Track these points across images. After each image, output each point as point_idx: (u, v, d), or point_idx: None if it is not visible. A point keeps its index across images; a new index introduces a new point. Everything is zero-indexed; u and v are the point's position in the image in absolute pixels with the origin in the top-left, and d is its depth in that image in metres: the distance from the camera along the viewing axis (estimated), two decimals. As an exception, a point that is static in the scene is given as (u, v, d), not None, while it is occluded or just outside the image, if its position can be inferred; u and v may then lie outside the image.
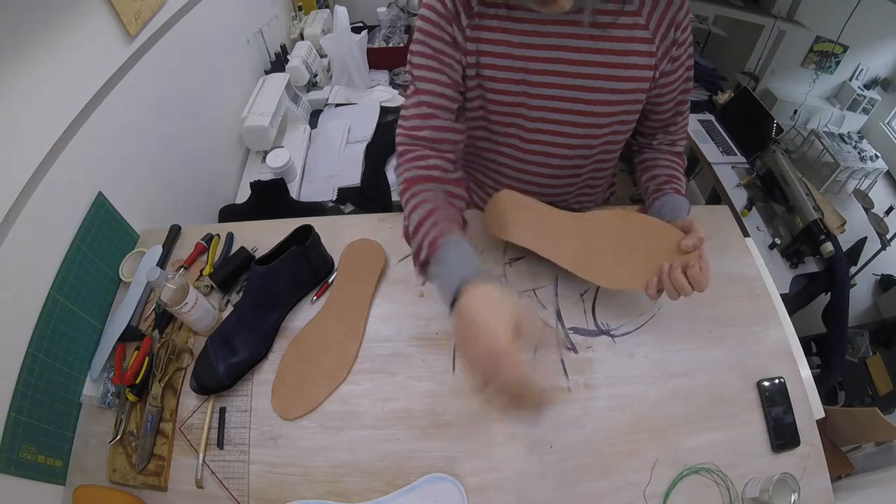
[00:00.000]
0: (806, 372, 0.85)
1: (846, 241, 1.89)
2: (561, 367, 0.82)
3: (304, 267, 0.89)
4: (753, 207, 1.96)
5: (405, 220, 0.70)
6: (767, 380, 0.80)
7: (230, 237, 1.02)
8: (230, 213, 1.38)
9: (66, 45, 0.85)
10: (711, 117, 2.37)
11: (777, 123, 2.10)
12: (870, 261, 2.22)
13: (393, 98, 1.81)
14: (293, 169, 1.49)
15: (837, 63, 2.68)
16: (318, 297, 0.91)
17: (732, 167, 2.14)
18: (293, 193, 1.44)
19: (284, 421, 0.78)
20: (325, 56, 1.96)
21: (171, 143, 1.21)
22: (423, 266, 0.66)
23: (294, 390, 0.80)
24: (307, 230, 0.89)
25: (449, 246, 0.64)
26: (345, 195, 1.49)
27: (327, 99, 1.84)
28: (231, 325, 0.83)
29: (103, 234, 0.93)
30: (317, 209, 1.42)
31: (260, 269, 0.82)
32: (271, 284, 0.84)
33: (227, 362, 0.80)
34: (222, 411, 0.80)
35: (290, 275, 0.87)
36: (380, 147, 1.63)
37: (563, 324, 0.87)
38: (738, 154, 2.19)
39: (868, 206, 2.38)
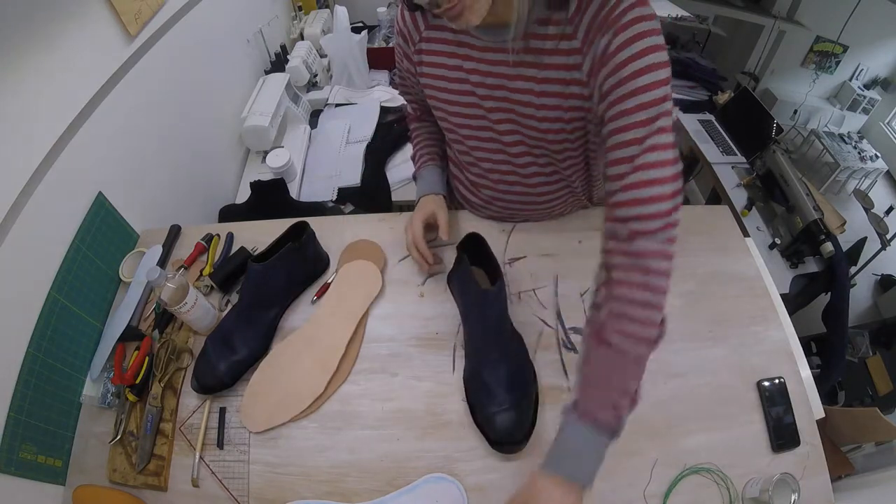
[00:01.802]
0: (806, 372, 0.85)
1: (846, 241, 1.89)
2: (561, 367, 0.82)
3: (299, 264, 0.89)
4: (753, 207, 1.96)
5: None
6: (767, 380, 0.80)
7: (230, 237, 1.02)
8: (230, 213, 1.38)
9: (67, 45, 0.85)
10: (711, 117, 2.37)
11: (777, 123, 2.10)
12: (870, 261, 2.22)
13: (393, 98, 1.81)
14: (293, 169, 1.49)
15: (837, 63, 2.68)
16: (318, 298, 0.91)
17: (732, 167, 2.14)
18: (293, 193, 1.44)
19: (284, 421, 0.78)
20: (325, 56, 1.96)
21: (172, 143, 1.21)
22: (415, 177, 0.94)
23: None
24: (302, 227, 0.89)
25: (427, 171, 0.96)
26: (345, 195, 1.49)
27: (327, 99, 1.84)
28: (230, 323, 0.83)
29: (103, 234, 0.93)
30: (317, 209, 1.42)
31: (257, 267, 0.82)
32: (268, 282, 0.84)
33: (228, 361, 0.80)
34: (222, 411, 0.80)
35: (287, 272, 0.87)
36: (380, 147, 1.63)
37: (563, 324, 0.87)
38: (738, 154, 2.19)
39: (868, 206, 2.38)
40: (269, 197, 1.37)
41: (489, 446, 0.73)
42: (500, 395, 0.73)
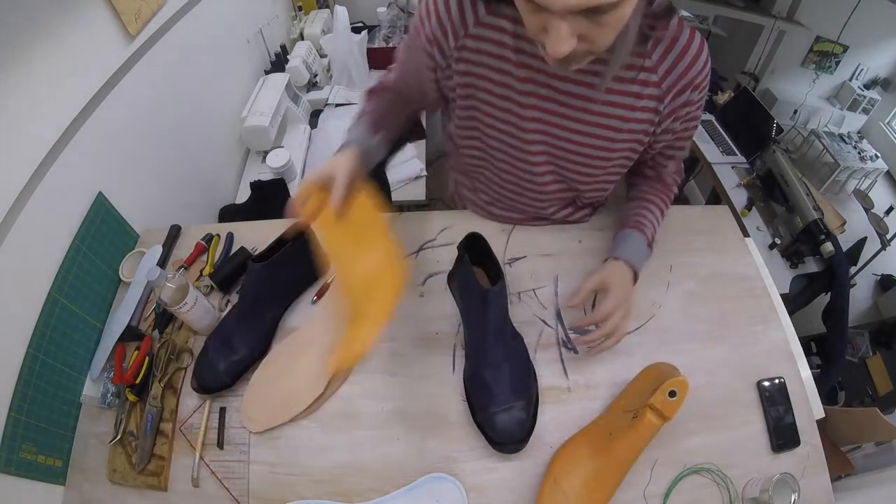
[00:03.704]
0: (806, 372, 0.85)
1: (846, 241, 1.89)
2: (561, 367, 0.82)
3: (300, 264, 0.89)
4: (753, 207, 1.96)
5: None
6: (767, 380, 0.80)
7: (230, 237, 1.02)
8: (230, 213, 1.38)
9: (66, 44, 0.84)
10: (711, 117, 2.37)
11: (777, 123, 2.10)
12: (870, 261, 2.22)
13: (393, 98, 1.81)
14: (293, 169, 1.49)
15: (837, 63, 2.68)
16: (318, 298, 0.91)
17: (732, 167, 2.14)
18: (293, 193, 1.44)
19: (284, 421, 0.78)
20: (325, 56, 1.96)
21: (172, 143, 1.21)
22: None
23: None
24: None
25: (353, 126, 0.82)
26: (345, 195, 1.49)
27: (327, 99, 1.84)
28: (230, 323, 0.83)
29: (103, 234, 0.93)
30: (317, 209, 1.42)
31: (257, 267, 0.82)
32: (268, 282, 0.84)
33: (228, 361, 0.80)
34: (222, 411, 0.80)
35: (287, 271, 0.87)
36: (380, 147, 1.63)
37: (563, 324, 0.87)
38: (738, 154, 2.19)
39: (868, 206, 2.38)
40: (269, 197, 1.37)
41: (489, 446, 0.73)
42: (501, 396, 0.73)
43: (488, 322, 0.76)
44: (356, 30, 1.95)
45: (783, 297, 0.96)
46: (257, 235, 1.00)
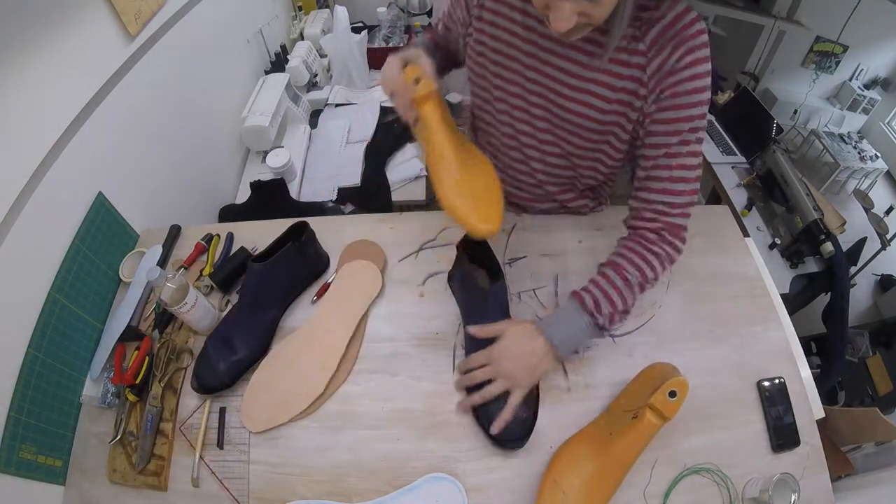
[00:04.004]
0: (806, 372, 0.85)
1: (846, 241, 1.89)
2: (561, 368, 0.82)
3: (299, 263, 0.89)
4: (753, 207, 1.96)
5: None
6: (767, 380, 0.80)
7: (230, 237, 1.02)
8: (230, 213, 1.38)
9: (66, 44, 0.84)
10: (711, 117, 2.37)
11: (777, 123, 2.10)
12: (870, 261, 2.22)
13: (393, 98, 1.81)
14: (293, 169, 1.49)
15: (837, 63, 2.68)
16: (318, 298, 0.91)
17: (732, 167, 2.14)
18: (293, 193, 1.44)
19: (284, 421, 0.78)
20: (325, 56, 1.96)
21: (172, 143, 1.21)
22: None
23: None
24: (302, 227, 0.90)
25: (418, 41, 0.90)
26: (345, 195, 1.49)
27: (327, 99, 1.84)
28: (230, 323, 0.83)
29: (103, 234, 0.93)
30: (317, 209, 1.42)
31: (256, 267, 0.82)
32: (268, 281, 0.84)
33: (228, 361, 0.80)
34: (222, 411, 0.80)
35: (287, 272, 0.87)
36: (380, 147, 1.63)
37: (563, 324, 0.87)
38: (738, 154, 2.19)
39: (868, 206, 2.39)
40: (269, 197, 1.37)
41: (490, 445, 0.73)
42: (501, 394, 0.73)
43: (489, 321, 0.77)
44: (356, 30, 1.95)
45: (783, 297, 0.96)
46: (257, 235, 1.00)
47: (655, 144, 0.71)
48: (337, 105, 1.82)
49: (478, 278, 0.84)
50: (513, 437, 0.72)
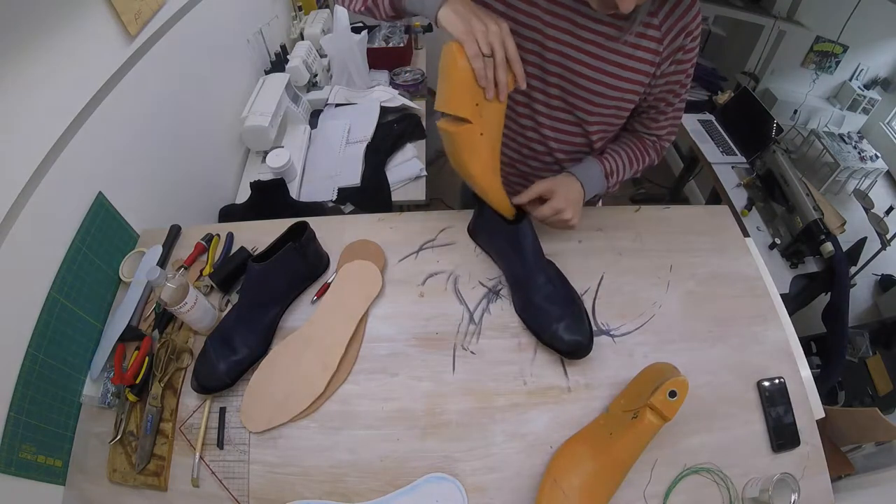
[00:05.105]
0: (806, 372, 0.85)
1: (846, 241, 1.89)
2: (561, 367, 0.82)
3: (299, 263, 0.89)
4: (753, 207, 1.96)
5: None
6: (767, 380, 0.80)
7: (230, 237, 1.02)
8: (230, 213, 1.38)
9: (66, 44, 0.84)
10: (711, 117, 2.37)
11: (777, 123, 2.10)
12: (870, 261, 2.21)
13: (393, 98, 1.81)
14: (293, 169, 1.49)
15: (837, 63, 2.68)
16: (318, 298, 0.91)
17: (732, 167, 2.14)
18: (293, 193, 1.44)
19: (284, 421, 0.78)
20: (325, 56, 1.96)
21: (172, 143, 1.21)
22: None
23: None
24: (302, 227, 0.90)
25: None
26: (345, 195, 1.49)
27: (327, 99, 1.84)
28: (230, 323, 0.83)
29: (103, 234, 0.93)
30: (317, 209, 1.42)
31: (256, 267, 0.82)
32: (268, 281, 0.84)
33: (228, 361, 0.80)
34: (222, 411, 0.80)
35: (287, 271, 0.87)
36: (380, 147, 1.63)
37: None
38: (738, 154, 2.19)
39: (868, 206, 2.38)
40: (269, 197, 1.37)
41: (492, 445, 0.74)
42: (556, 311, 0.80)
43: (526, 252, 0.83)
44: (356, 30, 1.95)
45: (783, 297, 0.96)
46: (257, 235, 1.00)
47: (658, 97, 0.86)
48: (337, 105, 1.82)
49: (503, 220, 0.86)
50: (581, 346, 0.78)
